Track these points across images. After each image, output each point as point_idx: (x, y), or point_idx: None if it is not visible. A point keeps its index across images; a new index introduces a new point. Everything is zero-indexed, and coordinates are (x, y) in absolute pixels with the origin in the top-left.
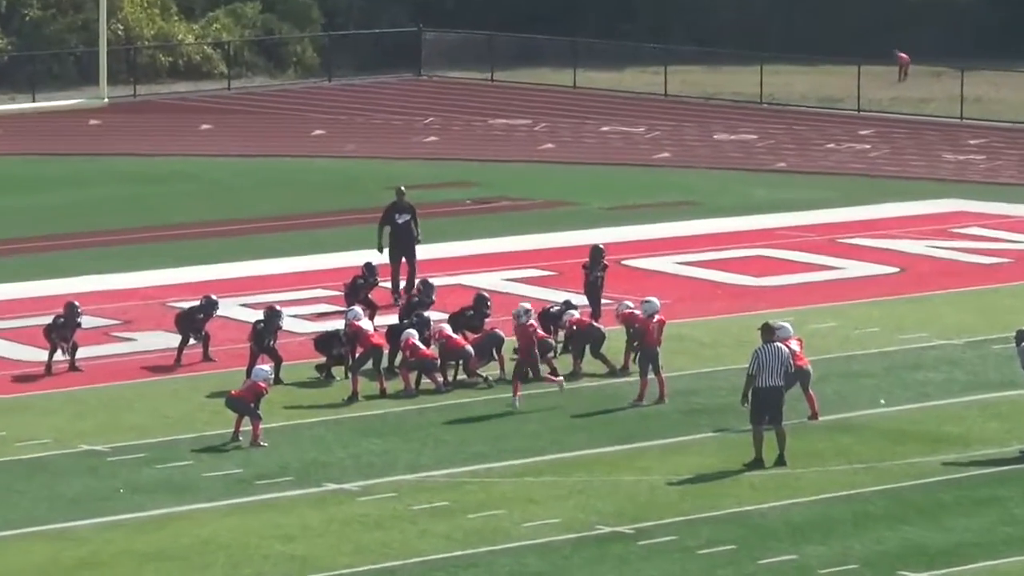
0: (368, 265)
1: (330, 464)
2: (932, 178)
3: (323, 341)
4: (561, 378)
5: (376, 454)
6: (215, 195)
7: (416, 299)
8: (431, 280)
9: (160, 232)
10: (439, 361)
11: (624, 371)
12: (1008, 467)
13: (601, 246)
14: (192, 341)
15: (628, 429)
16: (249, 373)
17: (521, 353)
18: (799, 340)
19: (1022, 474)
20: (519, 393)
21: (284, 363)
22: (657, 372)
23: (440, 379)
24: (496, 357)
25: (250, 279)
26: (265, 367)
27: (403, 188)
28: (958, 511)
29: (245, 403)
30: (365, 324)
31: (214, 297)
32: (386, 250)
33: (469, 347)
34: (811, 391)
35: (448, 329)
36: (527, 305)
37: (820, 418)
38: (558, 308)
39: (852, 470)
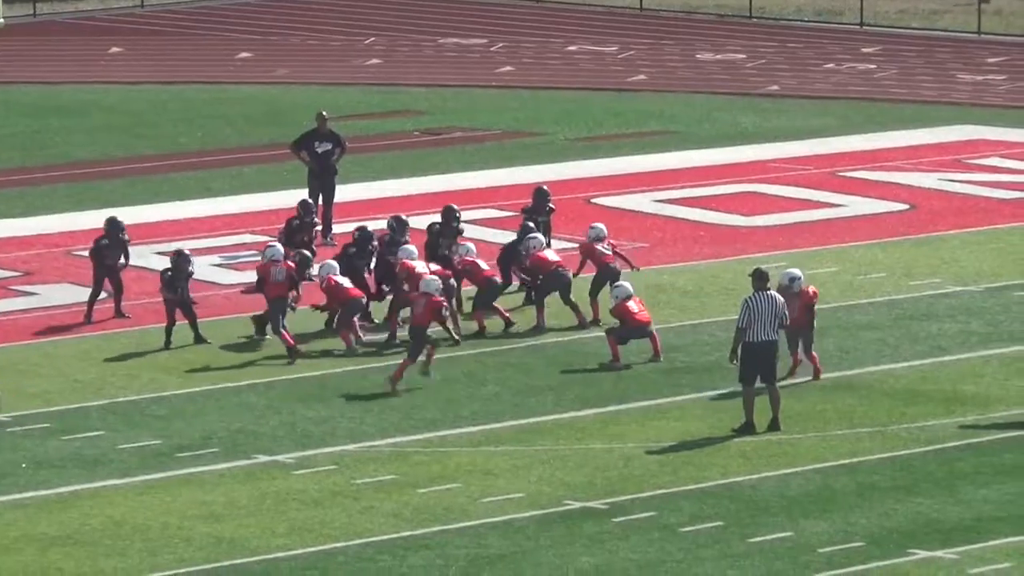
0: (303, 203)
1: (261, 433)
2: (945, 101)
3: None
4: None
5: (313, 422)
6: (126, 128)
7: (388, 238)
8: (404, 216)
9: (65, 171)
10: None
11: (595, 323)
12: None
13: (546, 188)
14: (103, 296)
15: (600, 391)
16: (169, 331)
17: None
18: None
19: None
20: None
21: (210, 319)
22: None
23: (352, 339)
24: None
25: (166, 223)
26: (436, 278)
27: (325, 113)
28: (977, 481)
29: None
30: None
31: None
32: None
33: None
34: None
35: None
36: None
37: (822, 376)
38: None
39: (855, 435)
